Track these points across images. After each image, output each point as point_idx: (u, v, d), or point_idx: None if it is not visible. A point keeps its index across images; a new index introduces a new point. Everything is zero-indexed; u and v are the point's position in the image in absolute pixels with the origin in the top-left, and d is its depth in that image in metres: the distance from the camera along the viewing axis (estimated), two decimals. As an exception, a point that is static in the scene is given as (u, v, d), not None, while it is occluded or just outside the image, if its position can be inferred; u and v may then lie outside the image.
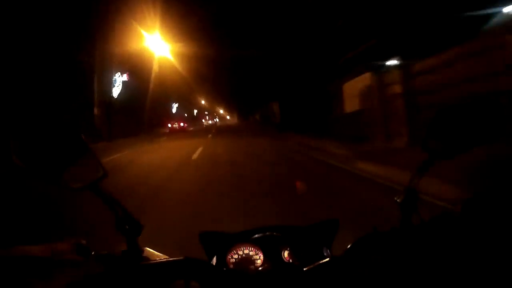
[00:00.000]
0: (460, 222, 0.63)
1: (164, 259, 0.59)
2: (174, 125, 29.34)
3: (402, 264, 0.57)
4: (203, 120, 71.45)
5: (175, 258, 0.57)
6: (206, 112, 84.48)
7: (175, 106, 51.44)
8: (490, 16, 6.69)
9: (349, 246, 0.67)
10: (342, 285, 0.58)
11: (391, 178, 4.58)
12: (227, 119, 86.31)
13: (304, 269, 0.62)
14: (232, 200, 4.09)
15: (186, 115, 58.47)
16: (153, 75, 26.99)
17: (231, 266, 0.74)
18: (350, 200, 3.98)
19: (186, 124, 31.79)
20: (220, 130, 27.10)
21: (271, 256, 0.74)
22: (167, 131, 28.52)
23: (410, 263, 0.57)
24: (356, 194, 4.34)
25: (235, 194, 4.38)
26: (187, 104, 62.95)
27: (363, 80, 9.74)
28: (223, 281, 0.62)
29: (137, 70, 24.18)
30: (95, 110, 18.25)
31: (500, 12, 6.57)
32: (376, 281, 0.57)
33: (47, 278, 0.52)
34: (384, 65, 9.93)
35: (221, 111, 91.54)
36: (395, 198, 0.67)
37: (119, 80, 21.83)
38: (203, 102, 76.90)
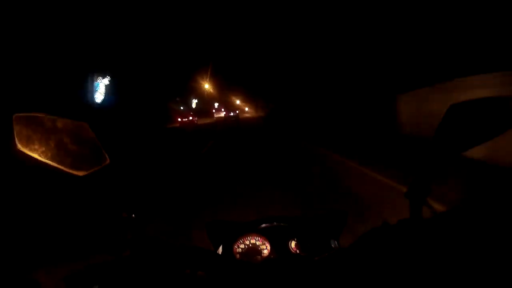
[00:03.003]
0: (470, 217, 0.61)
1: (171, 247, 0.59)
2: (184, 119, 29.75)
3: (410, 257, 0.56)
4: (214, 111, 59.83)
5: (182, 247, 0.57)
6: (216, 104, 70.42)
7: (194, 102, 52.96)
8: None
9: (357, 238, 0.66)
10: (349, 277, 0.58)
11: None
12: (245, 111, 74.07)
13: (311, 260, 0.62)
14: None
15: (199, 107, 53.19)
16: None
17: (238, 256, 0.74)
18: None
19: (196, 118, 32.01)
20: (224, 131, 19.02)
21: (278, 246, 0.74)
22: (178, 125, 28.98)
23: (418, 256, 0.56)
24: None
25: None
26: (205, 98, 57.88)
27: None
28: (230, 271, 0.62)
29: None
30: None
31: None
32: (383, 273, 0.56)
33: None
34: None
35: (238, 102, 76.78)
36: (404, 192, 0.66)
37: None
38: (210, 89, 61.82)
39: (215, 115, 50.33)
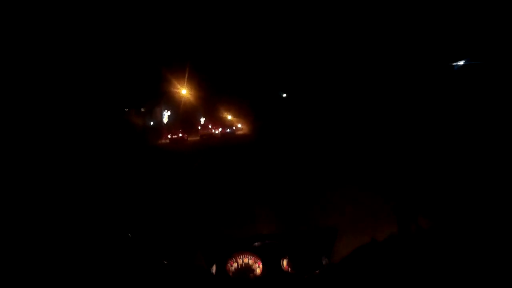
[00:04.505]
0: (456, 231, 0.64)
1: (164, 264, 0.59)
2: (173, 136, 29.54)
3: (400, 272, 0.58)
4: (199, 128, 47.12)
5: (175, 265, 0.58)
6: (202, 120, 58.86)
7: (166, 115, 41.28)
8: None
9: (347, 255, 0.68)
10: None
11: None
12: (238, 127, 59.99)
13: (303, 278, 0.63)
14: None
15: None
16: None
17: (231, 274, 0.74)
18: None
19: (186, 135, 31.79)
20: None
21: (270, 264, 0.74)
22: (168, 141, 28.72)
23: (408, 271, 0.58)
24: None
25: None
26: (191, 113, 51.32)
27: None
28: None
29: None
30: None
31: None
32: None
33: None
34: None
35: (229, 117, 64.96)
36: (392, 208, 0.68)
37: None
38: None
39: (201, 132, 39.69)
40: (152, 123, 33.84)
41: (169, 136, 29.33)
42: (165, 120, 37.94)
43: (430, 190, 3.41)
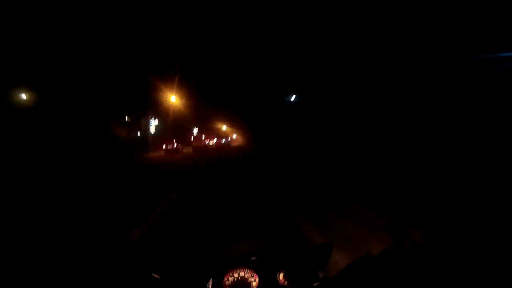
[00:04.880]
0: (448, 244, 0.65)
1: (160, 280, 0.60)
2: (168, 147, 29.66)
3: (393, 286, 0.59)
4: (192, 139, 45.81)
5: (171, 281, 0.58)
6: (195, 130, 53.19)
7: (153, 124, 37.35)
8: None
9: (342, 269, 0.69)
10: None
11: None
12: (233, 139, 58.70)
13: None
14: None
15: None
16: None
17: (227, 288, 0.74)
18: None
19: (180, 146, 31.77)
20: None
21: (266, 279, 0.75)
22: (162, 153, 28.73)
23: (402, 284, 0.59)
24: None
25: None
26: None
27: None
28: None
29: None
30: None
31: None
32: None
33: None
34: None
35: (224, 128, 59.48)
36: (385, 224, 0.70)
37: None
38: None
39: (194, 144, 37.61)
40: (138, 134, 30.54)
41: (164, 147, 29.40)
42: (152, 130, 33.28)
43: (422, 202, 3.45)
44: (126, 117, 25.74)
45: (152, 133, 32.10)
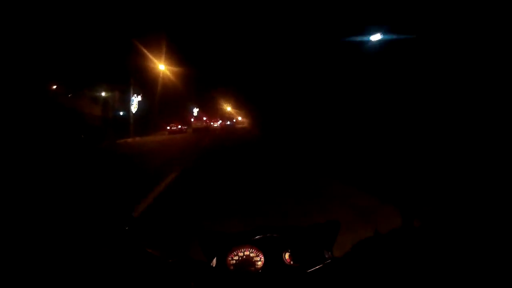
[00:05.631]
0: (461, 224, 0.63)
1: (165, 260, 0.58)
2: (173, 128, 29.91)
3: (402, 265, 0.57)
4: (192, 120, 40.58)
5: (174, 259, 0.57)
6: (195, 110, 48.53)
7: (135, 101, 29.02)
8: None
9: (350, 248, 0.67)
10: (343, 287, 0.58)
11: None
12: (238, 120, 56.69)
13: (305, 271, 0.62)
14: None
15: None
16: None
17: (231, 267, 0.73)
18: None
19: (184, 127, 31.94)
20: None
21: (272, 258, 0.73)
22: (167, 133, 29.07)
23: (410, 264, 0.57)
24: None
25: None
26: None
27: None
28: (224, 283, 0.62)
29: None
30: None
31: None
32: (377, 282, 0.57)
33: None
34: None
35: (229, 109, 58.33)
36: (395, 204, 0.67)
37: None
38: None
39: (194, 125, 34.03)
40: (121, 113, 25.45)
41: (168, 128, 29.64)
42: (134, 109, 25.61)
43: (431, 189, 3.41)
44: (98, 90, 20.79)
45: (134, 112, 25.26)
